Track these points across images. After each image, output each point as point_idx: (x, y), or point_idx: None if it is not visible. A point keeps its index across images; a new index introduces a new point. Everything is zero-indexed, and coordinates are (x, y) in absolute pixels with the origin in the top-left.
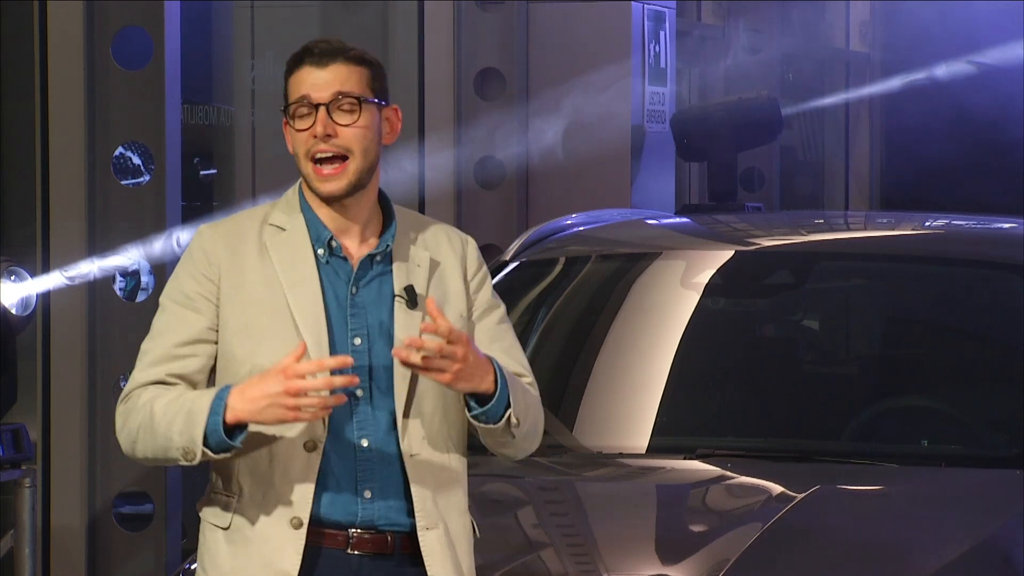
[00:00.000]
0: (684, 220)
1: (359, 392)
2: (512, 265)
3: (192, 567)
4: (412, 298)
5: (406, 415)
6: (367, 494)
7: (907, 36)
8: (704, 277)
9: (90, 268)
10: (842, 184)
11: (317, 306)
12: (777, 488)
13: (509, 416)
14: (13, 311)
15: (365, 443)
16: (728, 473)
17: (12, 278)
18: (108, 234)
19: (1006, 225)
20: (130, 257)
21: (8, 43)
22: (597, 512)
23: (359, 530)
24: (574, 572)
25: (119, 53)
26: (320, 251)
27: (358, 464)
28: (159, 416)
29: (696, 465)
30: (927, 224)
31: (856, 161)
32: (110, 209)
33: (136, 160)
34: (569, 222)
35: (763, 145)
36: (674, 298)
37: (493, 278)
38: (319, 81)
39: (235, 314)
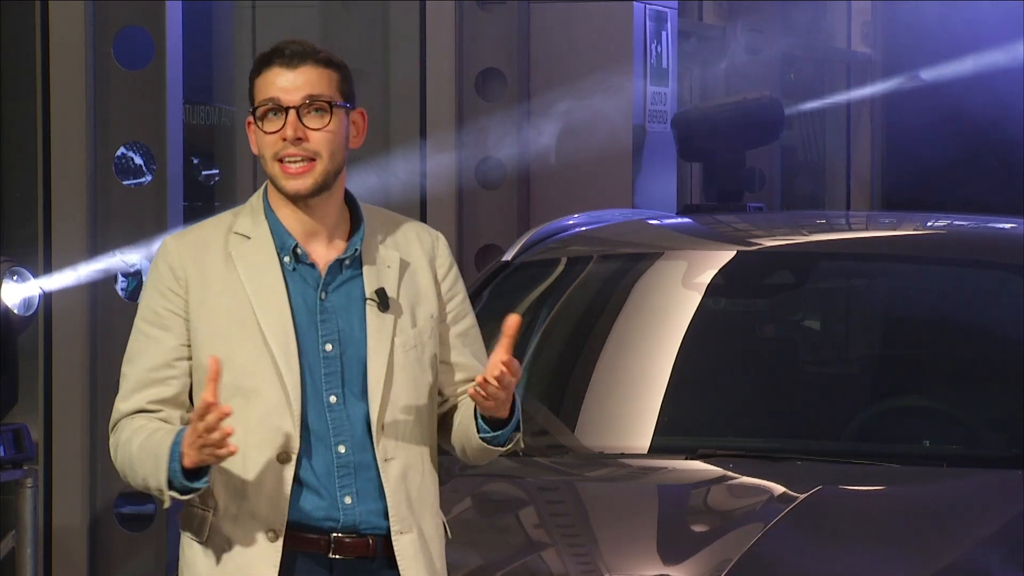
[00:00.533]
0: (686, 220)
1: (332, 398)
2: (513, 266)
3: None
4: (383, 301)
5: (381, 420)
6: (347, 499)
7: (908, 36)
8: (705, 277)
9: (89, 270)
10: (843, 184)
11: (284, 314)
12: (778, 488)
13: (517, 440)
14: (16, 311)
15: (342, 449)
16: (729, 473)
17: (15, 278)
18: (109, 234)
19: (1006, 225)
20: (127, 260)
21: (9, 43)
22: (598, 512)
23: (341, 535)
24: (575, 572)
25: (120, 53)
26: (286, 259)
27: (337, 470)
28: (136, 457)
29: (697, 465)
30: (928, 224)
31: (857, 161)
32: (111, 209)
33: (138, 160)
34: (570, 222)
35: (764, 145)
36: (675, 298)
37: (494, 279)
38: (289, 83)
39: (203, 325)
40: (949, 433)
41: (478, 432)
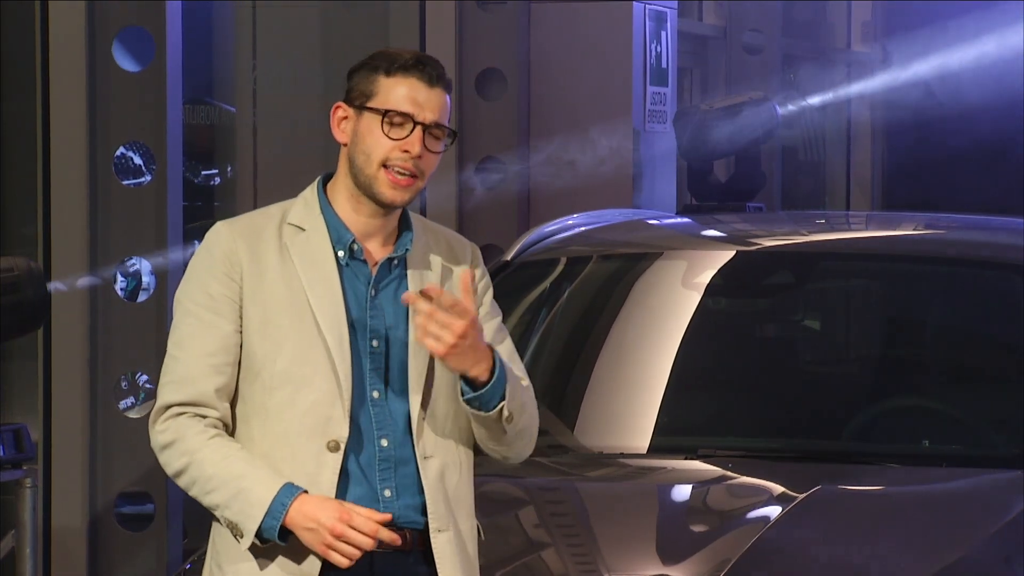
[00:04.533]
0: (685, 220)
1: (375, 393)
2: (513, 265)
3: (190, 567)
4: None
5: (421, 417)
6: (387, 493)
7: (909, 36)
8: (705, 277)
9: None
10: (843, 184)
11: (338, 307)
12: (778, 488)
13: (502, 408)
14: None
15: (385, 443)
16: (729, 473)
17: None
18: (109, 234)
19: (1006, 225)
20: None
21: (9, 43)
22: (598, 512)
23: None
24: (575, 572)
25: (120, 53)
26: (340, 253)
27: (378, 463)
28: (210, 476)
29: (697, 465)
30: (927, 224)
31: (857, 161)
32: (111, 209)
33: (137, 160)
34: (570, 222)
35: (760, 145)
36: (675, 298)
37: (494, 278)
38: (426, 101)
39: (256, 313)
40: (949, 433)
41: (462, 395)
